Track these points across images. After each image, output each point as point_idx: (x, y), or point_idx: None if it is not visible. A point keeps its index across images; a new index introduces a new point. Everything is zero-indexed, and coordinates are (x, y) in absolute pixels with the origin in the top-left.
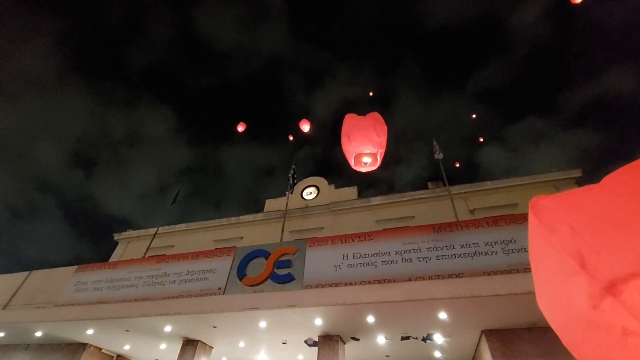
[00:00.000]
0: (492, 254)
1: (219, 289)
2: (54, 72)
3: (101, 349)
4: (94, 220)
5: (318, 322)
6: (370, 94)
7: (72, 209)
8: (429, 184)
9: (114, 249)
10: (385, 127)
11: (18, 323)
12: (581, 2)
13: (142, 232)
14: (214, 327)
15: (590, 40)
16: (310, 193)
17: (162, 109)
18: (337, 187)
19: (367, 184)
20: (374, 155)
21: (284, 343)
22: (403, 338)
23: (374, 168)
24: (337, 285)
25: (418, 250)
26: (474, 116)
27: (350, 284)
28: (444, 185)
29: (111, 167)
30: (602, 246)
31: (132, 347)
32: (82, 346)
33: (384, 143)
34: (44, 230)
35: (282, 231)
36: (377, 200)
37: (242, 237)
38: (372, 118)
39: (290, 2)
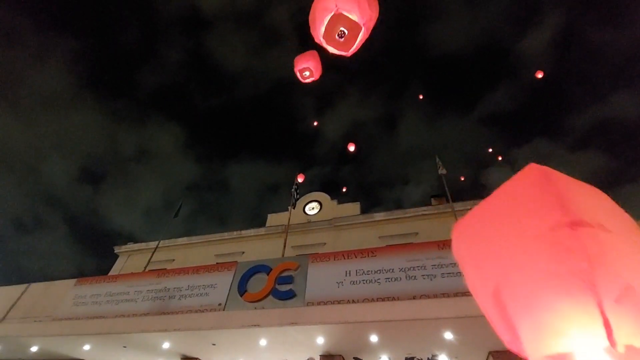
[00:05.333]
0: None
1: (220, 304)
2: (67, 89)
3: None
4: (99, 235)
5: (320, 340)
6: (420, 97)
7: (77, 223)
8: (433, 200)
9: (114, 262)
10: (377, 6)
11: (14, 337)
12: (543, 76)
13: (142, 245)
14: (213, 344)
15: (596, 66)
16: (313, 208)
17: (171, 127)
18: (339, 202)
19: (372, 203)
20: (355, 30)
21: None
22: (407, 359)
23: (345, 53)
24: (339, 302)
25: (423, 268)
26: (421, 97)
27: (353, 301)
28: (448, 201)
29: (119, 183)
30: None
31: None
32: None
33: (371, 24)
34: (49, 244)
35: (284, 246)
36: (380, 216)
37: (243, 252)
38: None
39: (300, 29)
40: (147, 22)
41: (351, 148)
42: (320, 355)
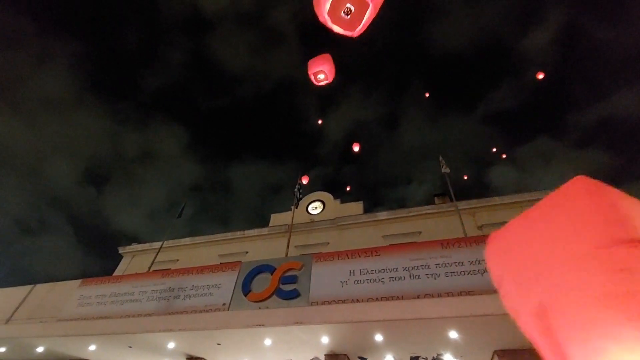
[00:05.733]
0: None
1: (224, 304)
2: (70, 91)
3: None
4: (103, 236)
5: (324, 340)
6: (427, 94)
7: (81, 224)
8: (436, 199)
9: (119, 263)
10: None
11: (20, 338)
12: (543, 77)
13: (146, 245)
14: (218, 344)
15: (599, 63)
16: (316, 208)
17: (174, 128)
18: (342, 202)
19: (375, 202)
20: (362, 7)
21: None
22: (412, 358)
23: (351, 33)
24: (343, 302)
25: (426, 267)
26: (427, 95)
27: (357, 300)
28: (451, 200)
29: (122, 184)
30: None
31: None
32: None
33: (379, 1)
34: (54, 245)
35: (288, 246)
36: (383, 215)
37: (247, 252)
38: None
39: (301, 29)
40: (148, 24)
41: (356, 148)
42: (325, 355)
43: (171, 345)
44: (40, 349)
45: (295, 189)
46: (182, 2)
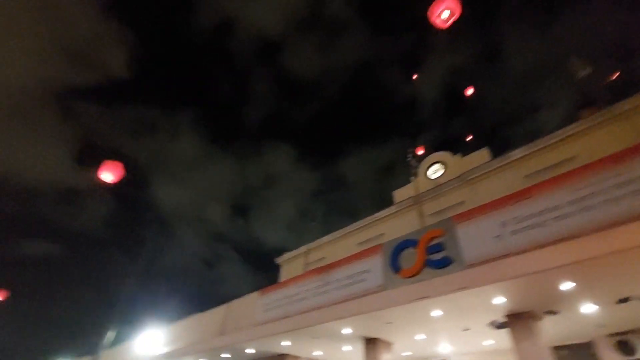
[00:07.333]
0: None
1: (379, 286)
2: (199, 149)
3: (298, 357)
4: (261, 253)
5: (499, 300)
6: None
7: (243, 249)
8: (582, 113)
9: (279, 272)
10: None
11: (234, 344)
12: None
13: (294, 252)
14: (389, 323)
15: None
16: (436, 170)
17: (282, 148)
18: (464, 155)
19: (500, 148)
20: None
21: (466, 330)
22: (621, 301)
23: None
24: (506, 256)
25: (599, 193)
26: None
27: (523, 251)
28: (603, 106)
29: (260, 209)
30: None
31: (323, 351)
32: (283, 357)
33: None
34: (230, 271)
35: (422, 216)
36: (518, 153)
37: (382, 234)
38: None
39: (359, 7)
40: (233, 69)
41: (469, 91)
42: (505, 316)
43: (347, 330)
44: (250, 350)
45: (408, 159)
46: (249, 36)
